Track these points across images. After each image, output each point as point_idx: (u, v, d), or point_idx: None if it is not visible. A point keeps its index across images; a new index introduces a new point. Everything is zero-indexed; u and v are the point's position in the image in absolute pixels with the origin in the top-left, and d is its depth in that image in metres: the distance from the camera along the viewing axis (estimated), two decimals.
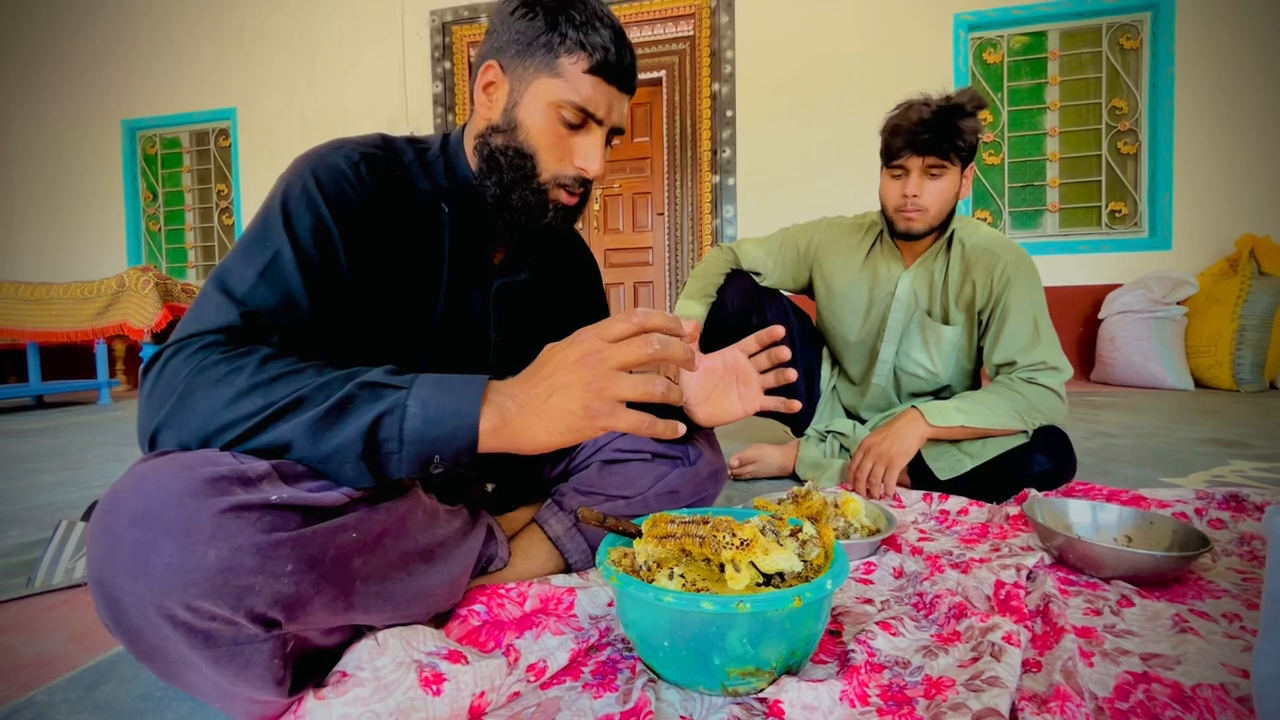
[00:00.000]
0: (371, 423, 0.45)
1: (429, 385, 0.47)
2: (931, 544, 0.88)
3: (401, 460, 0.46)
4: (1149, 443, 1.64)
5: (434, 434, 0.46)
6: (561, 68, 0.60)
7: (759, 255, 1.38)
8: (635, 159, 4.11)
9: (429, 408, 0.46)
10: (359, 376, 0.47)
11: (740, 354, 0.73)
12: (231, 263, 0.54)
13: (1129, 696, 0.51)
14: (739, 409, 0.74)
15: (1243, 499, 0.96)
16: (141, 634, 0.40)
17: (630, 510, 0.77)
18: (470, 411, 0.46)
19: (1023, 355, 1.14)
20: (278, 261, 0.54)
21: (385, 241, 0.63)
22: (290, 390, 0.46)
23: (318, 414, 0.45)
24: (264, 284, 0.53)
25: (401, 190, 0.64)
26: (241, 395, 0.45)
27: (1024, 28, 3.45)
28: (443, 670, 0.49)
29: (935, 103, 1.10)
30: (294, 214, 0.56)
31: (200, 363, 0.47)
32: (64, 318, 3.14)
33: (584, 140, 0.63)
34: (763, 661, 0.50)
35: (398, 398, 0.46)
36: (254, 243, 0.55)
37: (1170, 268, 3.13)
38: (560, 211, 0.66)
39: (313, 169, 0.59)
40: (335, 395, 0.45)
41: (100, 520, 0.40)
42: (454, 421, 0.46)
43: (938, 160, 1.10)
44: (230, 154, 4.53)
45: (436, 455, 0.46)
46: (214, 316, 0.51)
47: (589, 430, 0.47)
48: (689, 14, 3.77)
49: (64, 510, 1.20)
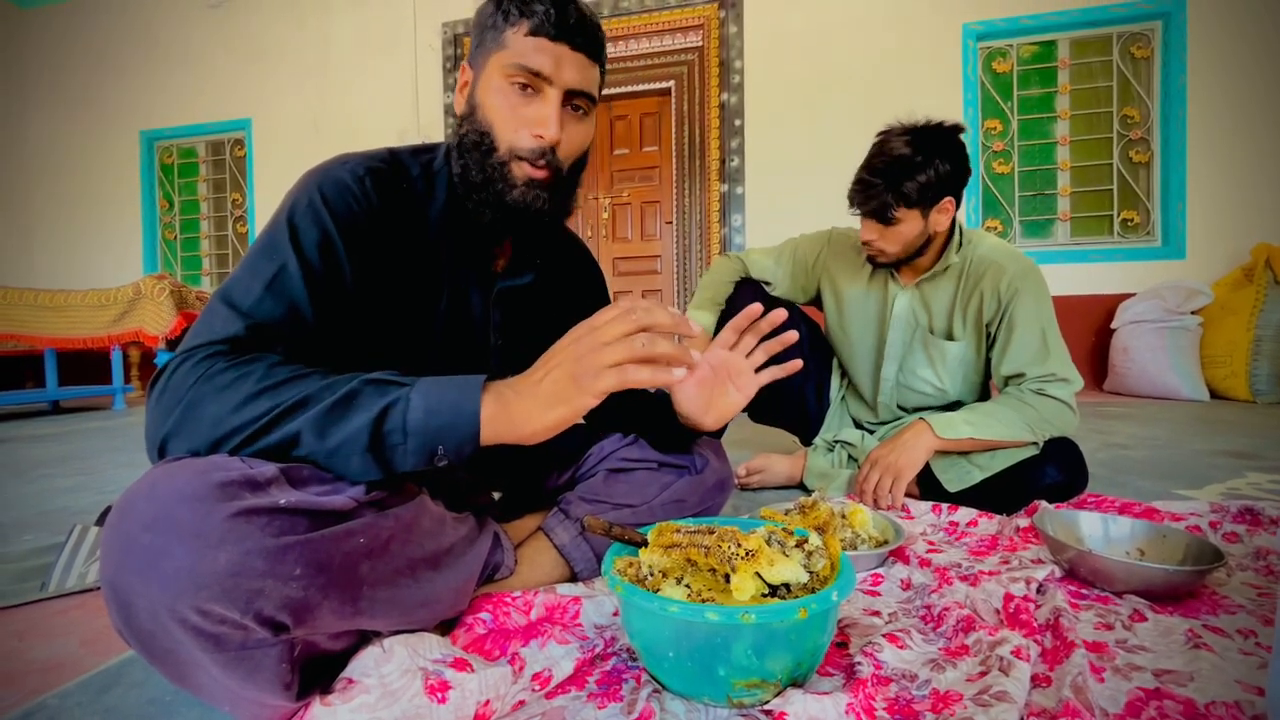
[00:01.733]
0: (377, 415, 0.47)
1: (432, 381, 0.50)
2: (940, 556, 0.87)
3: (407, 452, 0.48)
4: (1162, 454, 1.62)
5: (436, 424, 0.48)
6: (507, 39, 0.61)
7: (768, 265, 1.38)
8: (644, 168, 4.13)
9: (430, 399, 0.48)
10: (364, 376, 0.49)
11: (721, 351, 0.73)
12: (238, 276, 0.55)
13: (1140, 713, 0.50)
14: (738, 398, 0.74)
15: (1258, 512, 0.95)
16: (153, 637, 0.40)
17: (636, 519, 0.77)
18: (470, 399, 0.48)
19: (1031, 367, 1.13)
20: (283, 275, 0.55)
21: (389, 254, 0.63)
22: (297, 392, 0.47)
23: (323, 408, 0.47)
24: (269, 296, 0.54)
25: (406, 203, 0.65)
26: (250, 399, 0.46)
27: (1033, 37, 3.44)
28: (448, 678, 0.49)
29: (884, 155, 1.10)
30: (300, 228, 0.57)
31: (206, 371, 0.48)
32: (81, 324, 3.19)
33: (536, 104, 0.62)
34: (768, 673, 0.49)
35: (401, 392, 0.48)
36: (260, 256, 0.56)
37: (1184, 277, 3.10)
38: (533, 188, 0.64)
39: (319, 184, 0.60)
40: (340, 391, 0.47)
41: (114, 525, 0.40)
42: (455, 410, 0.48)
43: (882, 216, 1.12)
44: (245, 163, 4.60)
45: (440, 446, 0.48)
46: (220, 328, 0.52)
47: (579, 399, 0.49)
48: (698, 25, 3.80)
49: (78, 515, 1.22)
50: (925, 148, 1.08)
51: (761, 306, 0.71)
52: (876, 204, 1.11)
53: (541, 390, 0.50)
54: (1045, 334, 1.13)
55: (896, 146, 1.09)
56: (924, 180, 1.08)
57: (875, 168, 1.10)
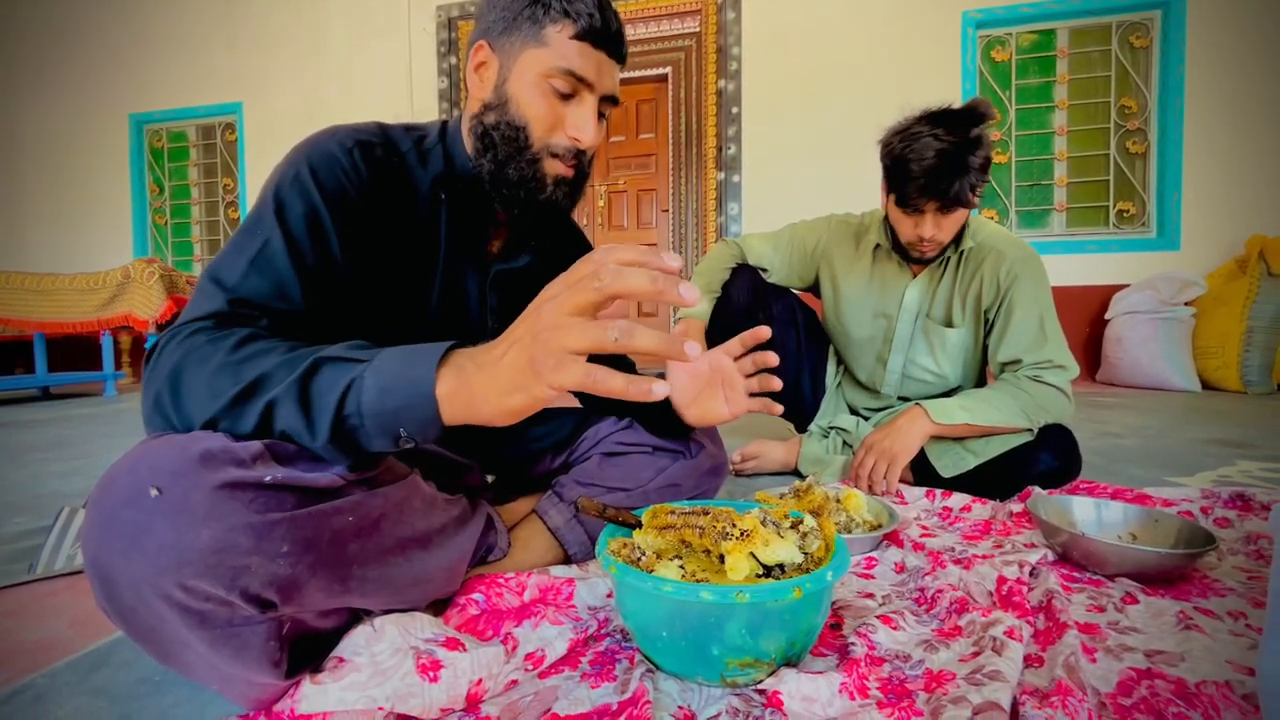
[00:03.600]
0: (337, 399, 0.43)
1: (390, 356, 0.44)
2: (934, 540, 0.87)
3: (369, 435, 0.43)
4: (1155, 443, 1.63)
5: (393, 405, 0.42)
6: (547, 37, 0.60)
7: (765, 251, 1.37)
8: (640, 155, 4.10)
9: (385, 376, 0.42)
10: (321, 351, 0.45)
11: (725, 356, 0.72)
12: (225, 252, 0.54)
13: (1132, 692, 0.50)
14: (724, 411, 0.72)
15: (1249, 498, 0.95)
16: (137, 615, 0.40)
17: (630, 503, 0.77)
18: (425, 378, 0.42)
19: (1028, 354, 1.13)
20: (268, 249, 0.54)
21: (380, 229, 0.62)
22: (257, 369, 0.44)
23: (283, 390, 0.43)
24: (254, 272, 0.53)
25: (398, 178, 0.64)
26: (215, 373, 0.45)
27: (1033, 25, 3.42)
28: (440, 657, 0.49)
29: (945, 140, 1.02)
30: (286, 202, 0.56)
31: (188, 347, 0.47)
32: (69, 309, 3.16)
33: (576, 108, 0.62)
34: (762, 653, 0.49)
35: (358, 370, 0.43)
36: (246, 233, 0.55)
37: (1178, 268, 3.11)
38: (560, 186, 0.65)
39: (307, 157, 0.58)
40: (300, 368, 0.44)
41: (96, 502, 0.40)
42: (410, 390, 0.42)
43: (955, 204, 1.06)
44: (236, 148, 4.54)
45: (401, 429, 0.43)
46: (205, 304, 0.51)
47: (537, 389, 0.41)
48: (695, 10, 3.76)
49: (70, 499, 1.21)
50: (979, 129, 1.03)
51: (769, 331, 0.69)
52: (957, 189, 1.03)
53: (501, 369, 0.42)
54: (1043, 320, 1.13)
55: (959, 130, 1.03)
56: (984, 160, 1.04)
57: (948, 153, 1.02)
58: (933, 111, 1.07)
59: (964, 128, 1.03)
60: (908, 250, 1.16)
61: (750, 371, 0.72)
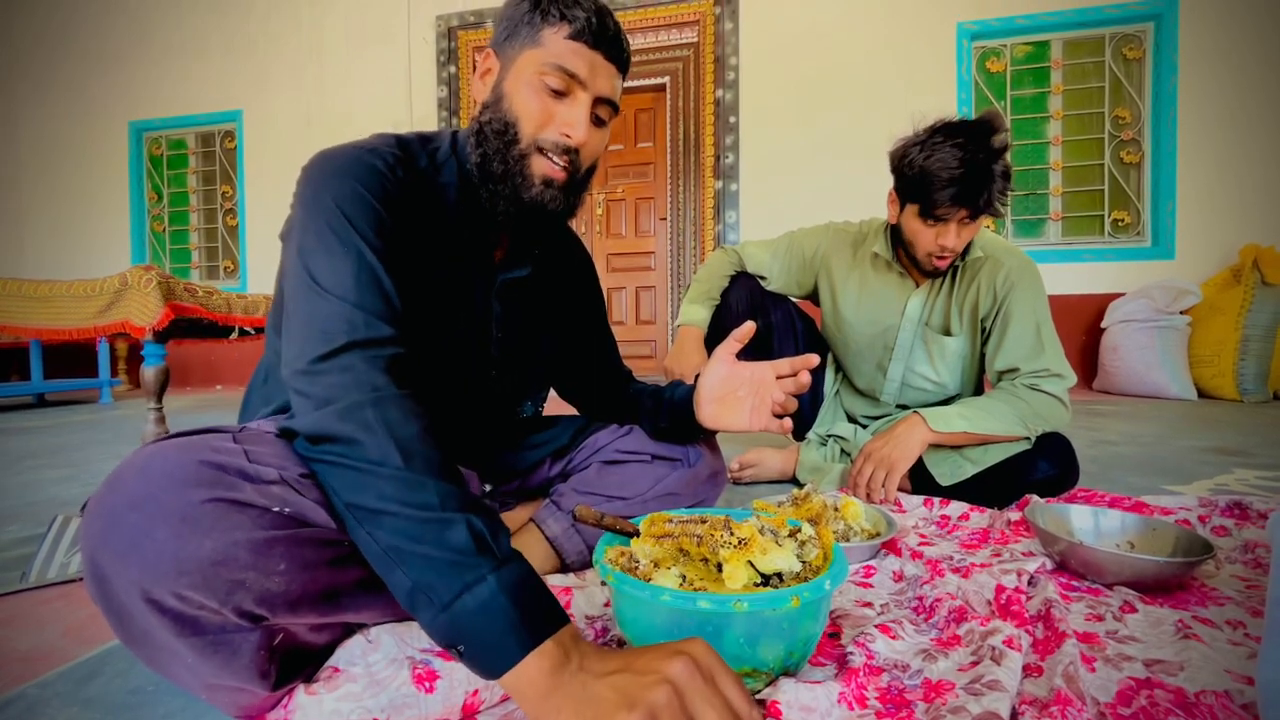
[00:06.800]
0: (413, 588, 0.41)
1: (512, 583, 0.42)
2: (932, 548, 0.87)
3: (428, 627, 0.42)
4: (1152, 451, 1.63)
5: (473, 632, 0.41)
6: (544, 38, 0.61)
7: (764, 259, 1.37)
8: (638, 164, 4.12)
9: (485, 614, 0.40)
10: (461, 537, 0.42)
11: (770, 372, 0.73)
12: (319, 271, 0.53)
13: (1131, 702, 0.50)
14: (745, 422, 0.74)
15: (1246, 506, 0.95)
16: (129, 616, 0.40)
17: (629, 511, 0.76)
18: (524, 642, 0.40)
19: (1026, 362, 1.13)
20: (363, 265, 0.54)
21: (408, 241, 0.63)
22: (416, 500, 0.43)
23: (403, 552, 0.42)
24: (362, 289, 0.53)
25: (421, 192, 0.65)
26: (400, 482, 0.44)
27: (1027, 37, 3.46)
28: (436, 668, 0.48)
29: (969, 149, 1.01)
30: (352, 217, 0.55)
31: (378, 392, 0.47)
32: (66, 315, 3.14)
33: (567, 105, 0.63)
34: (760, 662, 0.49)
35: (473, 578, 0.41)
36: (327, 252, 0.54)
37: (1173, 277, 3.12)
38: (549, 188, 0.64)
39: (351, 173, 0.58)
40: (426, 542, 0.42)
41: (101, 499, 0.39)
42: (500, 640, 0.40)
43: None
44: (235, 156, 4.55)
45: (461, 646, 0.41)
46: (344, 315, 0.51)
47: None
48: (693, 20, 3.79)
49: (65, 506, 1.20)
50: (998, 139, 1.03)
51: (818, 358, 0.71)
52: (987, 197, 1.03)
53: (597, 689, 0.38)
54: (1040, 329, 1.13)
55: (980, 140, 1.02)
56: (1006, 169, 1.04)
57: (975, 163, 1.01)
58: (947, 123, 1.07)
59: (984, 137, 1.03)
60: (923, 262, 1.14)
61: (789, 392, 0.73)
